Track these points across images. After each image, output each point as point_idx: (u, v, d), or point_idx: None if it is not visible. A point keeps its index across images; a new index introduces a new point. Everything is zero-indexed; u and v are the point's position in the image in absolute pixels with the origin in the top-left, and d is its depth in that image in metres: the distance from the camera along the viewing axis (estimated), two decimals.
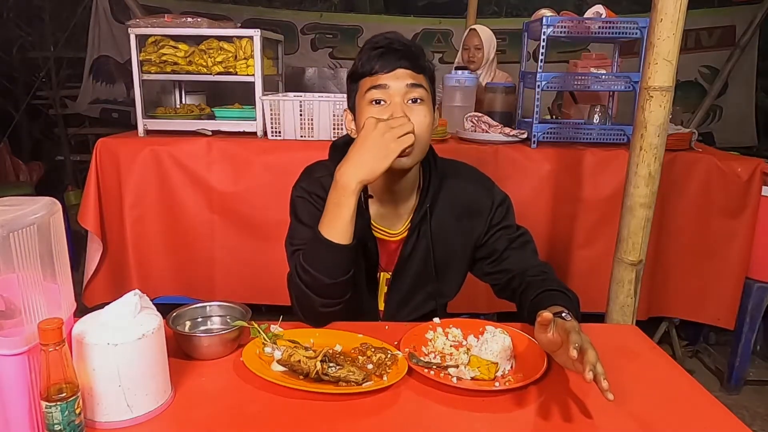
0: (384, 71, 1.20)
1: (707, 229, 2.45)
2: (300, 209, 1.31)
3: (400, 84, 1.19)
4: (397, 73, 1.20)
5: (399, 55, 1.20)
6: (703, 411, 0.98)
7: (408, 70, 1.20)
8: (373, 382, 0.98)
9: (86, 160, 4.35)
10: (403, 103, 1.20)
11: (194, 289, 2.45)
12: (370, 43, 1.24)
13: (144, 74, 2.46)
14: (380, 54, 1.20)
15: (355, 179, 1.12)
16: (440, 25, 5.43)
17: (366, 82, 1.22)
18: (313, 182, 1.32)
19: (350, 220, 1.13)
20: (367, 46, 1.23)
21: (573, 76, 2.54)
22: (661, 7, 1.49)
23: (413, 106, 1.21)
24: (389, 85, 1.19)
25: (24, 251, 0.76)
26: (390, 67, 1.20)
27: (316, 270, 1.13)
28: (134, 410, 0.86)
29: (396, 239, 1.34)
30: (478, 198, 1.34)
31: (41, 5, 4.89)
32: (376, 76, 1.20)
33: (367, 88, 1.21)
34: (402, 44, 1.22)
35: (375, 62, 1.20)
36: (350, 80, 1.27)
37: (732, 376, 2.59)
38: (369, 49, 1.22)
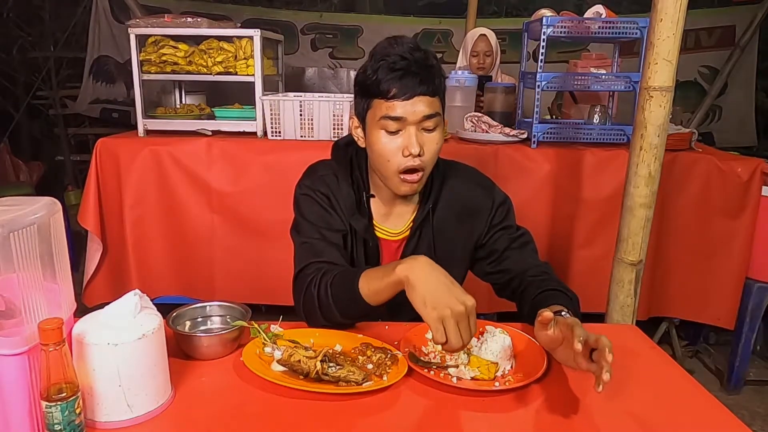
0: (400, 98, 1.15)
1: (707, 229, 2.45)
2: (304, 207, 1.31)
3: (417, 114, 1.16)
4: (415, 102, 1.15)
5: (418, 80, 1.14)
6: (703, 411, 0.98)
7: (426, 97, 1.16)
8: (373, 382, 0.98)
9: (86, 160, 4.35)
10: (417, 132, 1.17)
11: (194, 289, 2.45)
12: (386, 59, 1.15)
13: (144, 74, 2.46)
14: (398, 77, 1.14)
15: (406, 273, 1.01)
16: (440, 25, 5.43)
17: (380, 105, 1.17)
18: (317, 180, 1.31)
19: (387, 297, 1.08)
20: (383, 63, 1.15)
21: (573, 76, 2.54)
22: (661, 7, 1.49)
23: (427, 133, 1.19)
24: (406, 117, 1.16)
25: (24, 251, 0.76)
26: (408, 95, 1.15)
27: (336, 306, 1.13)
28: (134, 410, 0.86)
29: (397, 239, 1.34)
30: (478, 198, 1.34)
31: (41, 5, 4.89)
32: (392, 104, 1.15)
33: (381, 115, 1.17)
34: (421, 65, 1.15)
35: (391, 85, 1.15)
36: (360, 92, 1.22)
37: (732, 376, 2.59)
38: (386, 68, 1.15)
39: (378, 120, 1.18)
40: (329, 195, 1.30)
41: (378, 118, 1.18)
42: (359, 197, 1.31)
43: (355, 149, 1.34)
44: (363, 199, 1.31)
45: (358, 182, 1.31)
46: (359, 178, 1.31)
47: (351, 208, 1.30)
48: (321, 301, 1.15)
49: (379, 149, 1.20)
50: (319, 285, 1.16)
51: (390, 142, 1.18)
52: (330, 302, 1.13)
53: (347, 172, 1.31)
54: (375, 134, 1.20)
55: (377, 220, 1.34)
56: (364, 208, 1.31)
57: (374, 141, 1.20)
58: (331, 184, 1.31)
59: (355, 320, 1.19)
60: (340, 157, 1.34)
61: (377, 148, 1.20)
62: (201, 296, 2.39)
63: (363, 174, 1.32)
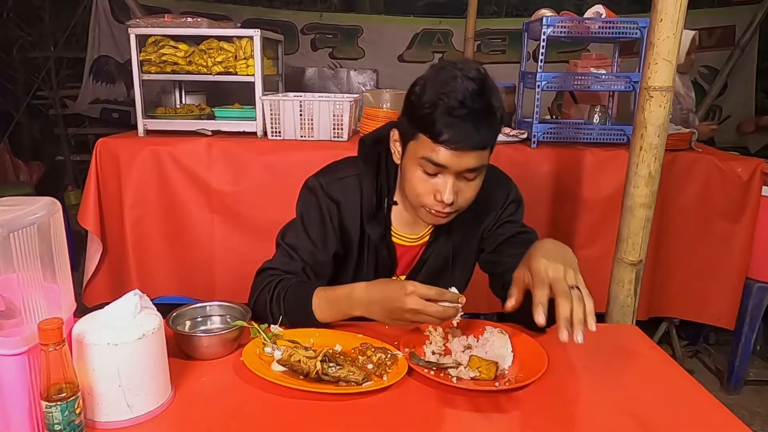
0: (449, 146, 1.06)
1: (707, 229, 2.45)
2: (306, 210, 1.27)
3: (461, 167, 1.09)
4: (462, 154, 1.07)
5: (473, 130, 1.06)
6: (703, 411, 0.98)
7: (477, 151, 1.09)
8: (373, 382, 0.98)
9: (86, 160, 4.35)
10: (456, 180, 1.11)
11: (194, 289, 2.45)
12: (444, 99, 1.05)
13: (144, 74, 2.46)
14: (452, 124, 1.05)
15: (360, 314, 1.12)
16: (440, 25, 5.43)
17: (425, 144, 1.09)
18: (335, 183, 1.26)
19: (337, 319, 1.16)
20: (441, 103, 1.05)
21: (573, 76, 2.54)
22: (661, 7, 1.49)
23: (466, 181, 1.13)
24: (449, 166, 1.09)
25: (24, 251, 0.76)
26: (457, 146, 1.06)
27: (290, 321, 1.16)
28: (134, 410, 0.86)
29: (416, 245, 1.33)
30: (494, 195, 1.33)
31: (41, 5, 4.89)
32: (438, 149, 1.07)
33: (424, 155, 1.10)
34: (480, 115, 1.06)
35: (443, 131, 1.06)
36: (410, 117, 1.13)
37: (732, 376, 2.60)
38: (443, 110, 1.05)
39: (419, 157, 1.11)
40: (341, 202, 1.25)
41: (419, 155, 1.11)
42: (380, 203, 1.26)
43: (385, 150, 1.27)
44: (384, 205, 1.26)
45: (382, 187, 1.26)
46: (384, 182, 1.26)
47: (370, 215, 1.26)
48: (272, 310, 1.18)
49: (412, 184, 1.15)
50: (272, 296, 1.19)
51: (425, 182, 1.13)
52: (282, 313, 1.16)
53: (373, 174, 1.26)
54: (412, 168, 1.14)
55: (396, 226, 1.30)
56: (383, 216, 1.27)
57: (409, 174, 1.15)
58: (350, 189, 1.25)
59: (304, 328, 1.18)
60: (367, 156, 1.28)
61: (410, 182, 1.15)
62: (201, 296, 2.39)
63: (390, 179, 1.27)
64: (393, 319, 1.07)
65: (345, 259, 1.31)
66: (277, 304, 1.18)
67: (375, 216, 1.26)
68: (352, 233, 1.28)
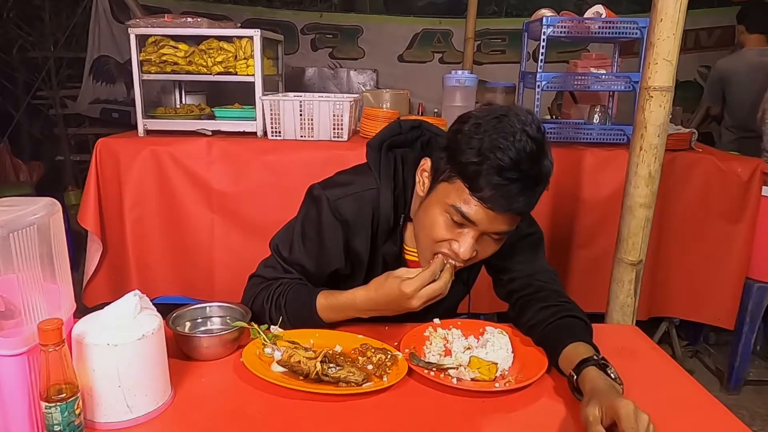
0: (486, 205, 0.98)
1: (707, 230, 2.45)
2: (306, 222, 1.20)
3: (491, 229, 1.02)
4: (500, 218, 1.00)
5: (521, 195, 0.98)
6: (703, 411, 0.98)
7: (513, 216, 1.02)
8: (373, 383, 0.98)
9: (86, 160, 4.35)
10: (480, 238, 1.04)
11: (194, 289, 2.45)
12: (497, 155, 0.95)
13: (144, 74, 2.46)
14: (497, 185, 0.96)
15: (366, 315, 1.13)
16: (440, 25, 5.43)
17: (461, 192, 1.00)
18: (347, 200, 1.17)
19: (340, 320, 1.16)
20: (492, 157, 0.95)
21: (573, 76, 2.54)
22: (661, 7, 1.49)
23: (488, 242, 1.06)
24: (479, 225, 1.01)
25: (24, 251, 0.76)
26: (496, 208, 0.98)
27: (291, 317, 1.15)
28: (134, 411, 0.86)
29: None
30: None
31: (41, 5, 4.89)
32: (474, 204, 0.99)
33: (455, 204, 1.01)
34: (531, 182, 0.99)
35: (485, 189, 0.97)
36: (450, 155, 1.03)
37: (732, 376, 2.59)
38: (493, 167, 0.95)
39: (449, 204, 1.02)
40: (350, 221, 1.17)
41: (450, 202, 1.02)
42: (396, 219, 1.18)
43: (401, 158, 1.20)
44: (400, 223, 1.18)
45: (399, 201, 1.18)
46: (401, 196, 1.18)
47: (385, 233, 1.18)
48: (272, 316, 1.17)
49: (431, 228, 1.06)
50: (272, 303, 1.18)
51: (446, 230, 1.04)
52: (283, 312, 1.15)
53: (391, 188, 1.16)
54: (436, 211, 1.05)
55: (408, 243, 1.22)
56: (398, 233, 1.19)
57: (431, 216, 1.06)
58: (362, 207, 1.16)
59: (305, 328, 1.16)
60: (382, 168, 1.17)
61: (429, 226, 1.06)
62: (201, 296, 2.39)
63: (407, 193, 1.18)
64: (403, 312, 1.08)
65: (351, 275, 1.26)
66: (276, 309, 1.17)
67: (390, 234, 1.19)
68: (361, 252, 1.21)
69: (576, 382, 0.95)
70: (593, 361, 0.95)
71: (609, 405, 0.83)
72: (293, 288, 1.18)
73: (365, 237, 1.19)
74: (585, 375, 0.93)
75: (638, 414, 0.81)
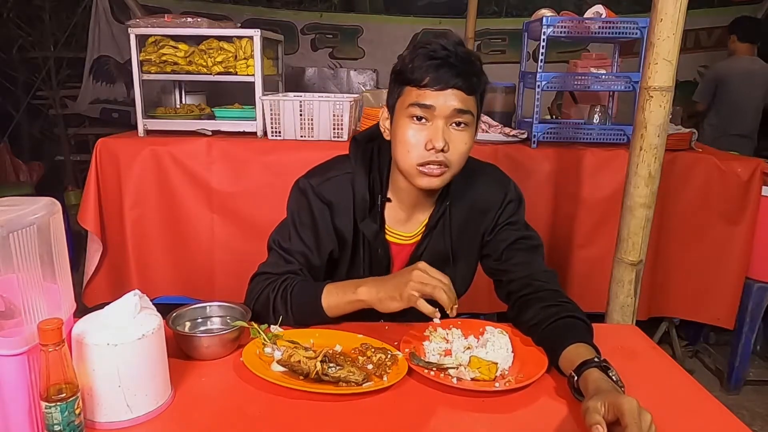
0: (434, 88, 1.11)
1: (707, 229, 2.45)
2: (299, 208, 1.27)
3: (448, 107, 1.11)
4: (447, 94, 1.11)
5: (455, 72, 1.10)
6: (703, 411, 0.98)
7: (460, 92, 1.11)
8: (373, 383, 0.98)
9: (86, 160, 4.35)
10: (445, 126, 1.13)
11: (194, 289, 2.45)
12: (426, 48, 1.12)
13: (144, 74, 2.46)
14: (435, 66, 1.10)
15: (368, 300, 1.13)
16: (440, 25, 5.43)
17: (411, 92, 1.13)
18: (326, 184, 1.26)
19: (346, 312, 1.17)
20: (421, 50, 1.12)
21: (573, 76, 2.54)
22: (661, 7, 1.49)
23: (455, 130, 1.14)
24: (436, 107, 1.11)
25: (24, 251, 0.76)
26: (441, 85, 1.10)
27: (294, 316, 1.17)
28: (134, 410, 0.86)
29: (411, 242, 1.32)
30: (491, 195, 1.31)
31: (41, 5, 4.88)
32: (424, 92, 1.11)
33: (411, 101, 1.13)
34: (461, 59, 1.11)
35: (426, 73, 1.11)
36: (394, 79, 1.18)
37: (732, 376, 2.60)
38: (424, 55, 1.11)
39: (407, 107, 1.14)
40: (333, 203, 1.25)
41: (407, 105, 1.14)
42: (374, 200, 1.26)
43: (378, 146, 1.28)
44: (378, 202, 1.26)
45: (375, 184, 1.26)
46: (377, 179, 1.26)
47: (363, 212, 1.25)
48: (276, 308, 1.18)
49: (402, 138, 1.15)
50: (277, 294, 1.19)
51: (415, 134, 1.14)
52: (288, 311, 1.17)
53: (365, 171, 1.25)
54: (401, 122, 1.16)
55: (390, 224, 1.29)
56: (377, 213, 1.26)
57: (399, 130, 1.16)
58: (341, 189, 1.25)
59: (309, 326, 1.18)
60: (359, 154, 1.27)
61: (401, 137, 1.16)
62: (201, 296, 2.39)
63: (383, 175, 1.27)
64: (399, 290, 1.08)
65: (338, 258, 1.30)
66: (282, 299, 1.18)
67: (369, 214, 1.25)
68: (345, 233, 1.27)
69: (576, 383, 0.95)
70: (595, 363, 0.95)
71: (612, 401, 0.83)
72: (300, 282, 1.21)
73: (348, 217, 1.26)
74: (586, 376, 0.94)
75: (642, 411, 0.81)
